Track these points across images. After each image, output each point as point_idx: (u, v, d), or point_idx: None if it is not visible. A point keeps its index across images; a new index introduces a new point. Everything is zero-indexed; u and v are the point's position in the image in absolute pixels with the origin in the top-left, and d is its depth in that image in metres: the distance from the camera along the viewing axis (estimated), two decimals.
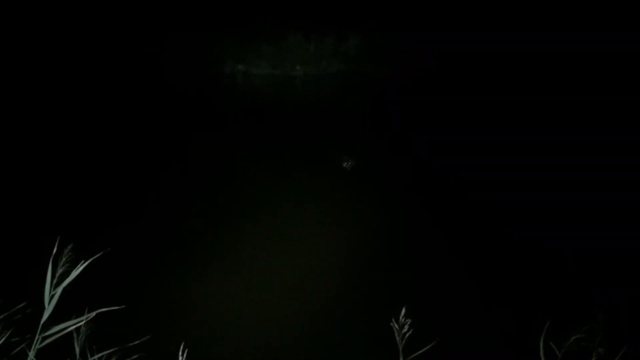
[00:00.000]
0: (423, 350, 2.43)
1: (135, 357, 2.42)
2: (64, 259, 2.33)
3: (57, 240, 2.29)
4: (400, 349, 2.38)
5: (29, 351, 2.24)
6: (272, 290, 4.96)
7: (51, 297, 2.27)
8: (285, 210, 6.55)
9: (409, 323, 2.39)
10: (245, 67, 12.80)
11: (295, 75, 13.08)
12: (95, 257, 2.29)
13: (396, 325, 2.39)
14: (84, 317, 2.27)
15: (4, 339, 2.46)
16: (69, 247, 2.37)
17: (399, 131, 10.20)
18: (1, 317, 2.74)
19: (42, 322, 2.23)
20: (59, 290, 2.25)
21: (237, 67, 12.92)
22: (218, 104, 11.08)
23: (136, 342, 2.44)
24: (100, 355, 2.41)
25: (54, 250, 2.26)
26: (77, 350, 2.35)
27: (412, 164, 8.44)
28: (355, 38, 14.39)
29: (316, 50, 13.82)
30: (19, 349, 2.38)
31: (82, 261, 2.25)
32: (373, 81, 13.53)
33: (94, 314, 2.28)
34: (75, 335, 2.36)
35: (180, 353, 2.06)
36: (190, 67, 12.12)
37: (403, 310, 2.39)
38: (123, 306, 2.31)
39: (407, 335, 2.38)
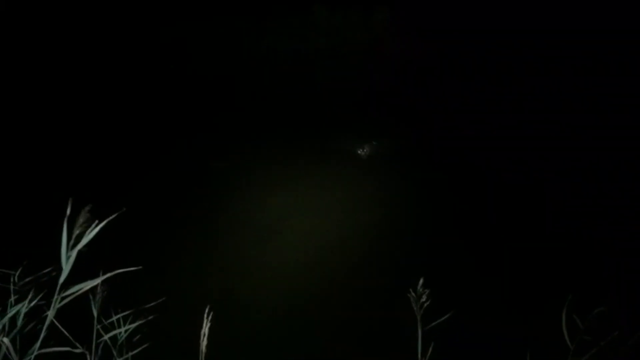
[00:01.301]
0: (440, 319, 2.41)
1: (151, 317, 2.43)
2: (80, 220, 2.31)
3: (71, 201, 2.25)
4: (419, 318, 2.36)
5: (49, 311, 2.25)
6: (293, 260, 4.96)
7: (68, 258, 2.26)
8: (299, 192, 6.36)
9: (427, 293, 2.36)
10: (268, 42, 11.86)
11: (319, 48, 12.08)
12: (111, 217, 2.27)
13: (414, 295, 2.37)
14: (100, 278, 2.27)
15: (26, 302, 2.49)
16: (86, 208, 2.35)
17: (423, 112, 9.23)
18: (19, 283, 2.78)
19: (60, 282, 2.23)
20: (75, 251, 2.25)
21: (259, 44, 11.99)
22: (239, 83, 10.35)
23: (152, 304, 2.44)
24: (118, 316, 2.43)
25: (68, 211, 2.24)
26: (95, 311, 2.36)
27: (433, 150, 7.93)
28: (383, 11, 13.70)
29: (342, 23, 12.99)
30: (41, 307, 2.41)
31: (97, 221, 2.22)
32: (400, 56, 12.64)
33: (110, 274, 2.28)
34: (92, 296, 2.37)
35: (205, 315, 2.06)
36: (211, 47, 11.19)
37: (421, 281, 2.36)
38: (140, 267, 2.29)
39: (425, 305, 2.36)
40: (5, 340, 2.18)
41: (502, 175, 7.01)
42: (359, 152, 7.85)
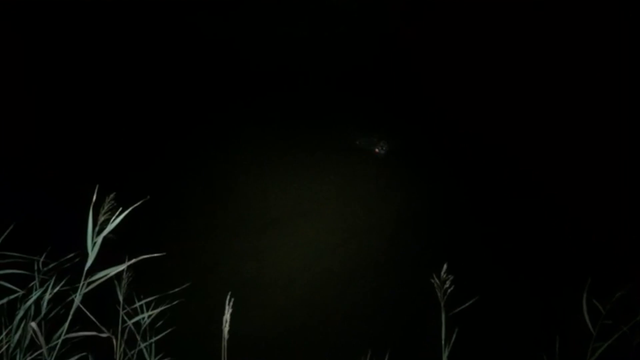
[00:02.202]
0: (464, 306, 2.42)
1: (175, 302, 2.45)
2: (105, 207, 2.33)
3: (97, 188, 2.27)
4: (442, 304, 2.37)
5: (75, 296, 2.28)
6: (315, 246, 4.96)
7: (93, 245, 2.28)
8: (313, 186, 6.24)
9: (450, 279, 2.37)
10: (285, 29, 11.03)
11: (338, 33, 11.15)
12: (135, 205, 2.29)
13: (437, 281, 2.38)
14: (126, 263, 2.30)
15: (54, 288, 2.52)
16: (110, 196, 2.37)
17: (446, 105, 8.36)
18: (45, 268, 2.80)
19: (86, 268, 2.26)
20: (101, 237, 2.27)
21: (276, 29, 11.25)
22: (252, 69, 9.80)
23: (176, 289, 2.47)
24: (143, 301, 2.46)
25: (94, 198, 2.25)
26: (121, 296, 2.39)
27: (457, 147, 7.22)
28: None
29: (360, 8, 12.23)
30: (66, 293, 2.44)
31: (121, 208, 2.24)
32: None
33: (135, 260, 2.30)
34: (118, 282, 2.39)
35: (227, 302, 2.08)
36: (226, 33, 10.59)
37: (445, 266, 2.37)
38: (164, 253, 2.31)
39: (448, 291, 2.36)
40: (33, 324, 2.21)
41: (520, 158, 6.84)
42: (375, 150, 6.91)
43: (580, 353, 2.36)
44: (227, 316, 2.05)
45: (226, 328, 2.07)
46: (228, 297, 2.09)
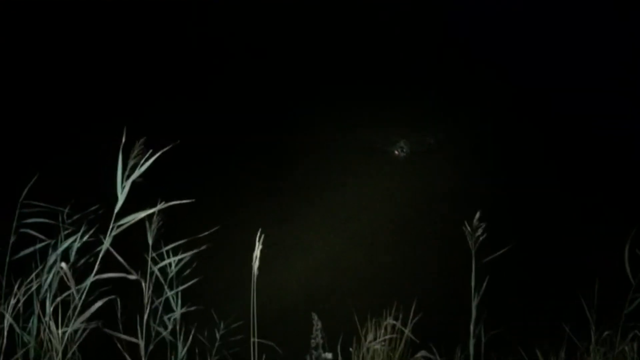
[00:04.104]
0: (496, 254, 2.37)
1: (204, 246, 2.45)
2: (135, 151, 2.32)
3: (125, 130, 2.26)
4: (473, 252, 2.33)
5: (104, 239, 2.29)
6: (348, 206, 4.93)
7: (123, 188, 2.28)
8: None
9: (482, 227, 2.32)
10: None
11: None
12: (165, 149, 2.27)
13: (469, 229, 2.33)
14: (156, 207, 2.30)
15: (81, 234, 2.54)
16: (140, 140, 2.35)
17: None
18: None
19: (115, 211, 2.26)
20: (130, 181, 2.27)
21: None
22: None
23: (206, 233, 2.46)
24: (171, 245, 2.46)
25: (123, 140, 2.25)
26: (150, 240, 2.39)
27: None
28: None
29: None
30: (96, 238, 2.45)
31: (151, 151, 2.23)
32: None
33: (165, 205, 2.30)
34: (147, 226, 2.39)
35: (257, 239, 2.06)
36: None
37: (477, 214, 2.32)
38: (193, 200, 2.30)
39: (480, 239, 2.31)
40: (63, 264, 2.23)
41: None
42: (395, 152, 6.08)
43: (619, 303, 2.30)
44: (257, 252, 2.04)
45: (256, 264, 2.06)
46: (258, 234, 2.07)
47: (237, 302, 2.71)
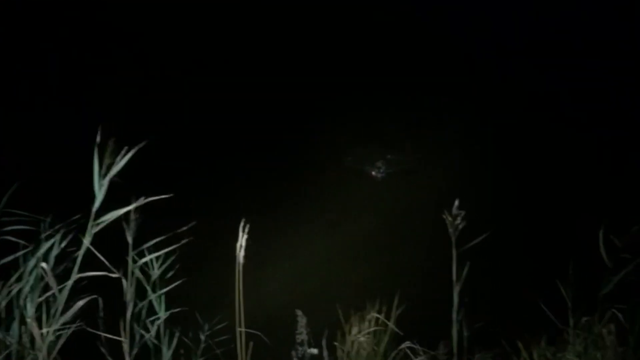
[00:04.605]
0: (475, 241, 2.39)
1: (185, 240, 2.44)
2: (109, 149, 2.31)
3: (100, 128, 2.25)
4: (453, 240, 2.35)
5: (84, 238, 2.28)
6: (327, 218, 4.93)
7: (100, 187, 2.27)
8: None
9: (462, 215, 2.35)
10: None
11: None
12: (140, 145, 2.27)
13: (449, 217, 2.35)
14: (133, 205, 2.29)
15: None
16: (112, 139, 2.34)
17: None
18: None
19: (94, 210, 2.25)
20: (107, 178, 2.26)
21: None
22: None
23: (184, 228, 2.45)
24: (151, 242, 2.45)
25: (98, 139, 2.24)
26: (130, 238, 2.38)
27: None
28: None
29: None
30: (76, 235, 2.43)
31: (126, 147, 2.22)
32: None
33: (143, 201, 2.30)
34: (126, 224, 2.39)
35: (240, 229, 2.07)
36: None
37: (456, 202, 2.34)
38: (171, 194, 2.30)
39: (460, 227, 2.34)
40: (44, 264, 2.21)
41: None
42: (372, 173, 5.76)
43: (596, 285, 2.33)
44: (241, 242, 2.04)
45: (241, 253, 2.06)
46: (242, 224, 2.07)
47: (222, 304, 2.71)
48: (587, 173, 5.40)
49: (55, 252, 2.62)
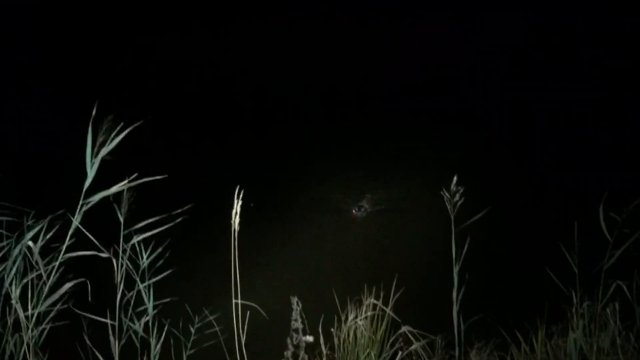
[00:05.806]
0: (474, 218, 2.36)
1: (179, 220, 2.37)
2: (104, 128, 2.26)
3: (96, 103, 2.20)
4: (452, 217, 2.32)
5: (73, 217, 2.21)
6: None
7: (92, 165, 2.21)
8: None
9: (460, 192, 2.32)
10: None
11: None
12: (136, 124, 2.22)
13: (447, 194, 2.32)
14: (125, 184, 2.22)
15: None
16: (109, 117, 2.29)
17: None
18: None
19: (84, 188, 2.19)
20: (100, 156, 2.20)
21: None
22: None
23: (179, 210, 2.39)
24: (144, 223, 2.38)
25: (94, 113, 2.18)
26: (122, 217, 2.32)
27: None
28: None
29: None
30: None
31: (122, 124, 2.17)
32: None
33: (136, 182, 2.23)
34: (118, 205, 2.33)
35: (235, 196, 2.01)
36: None
37: (455, 179, 2.31)
38: (165, 175, 2.24)
39: (458, 203, 2.31)
40: (31, 243, 2.14)
41: None
42: (353, 211, 5.45)
43: (598, 260, 2.31)
44: (236, 209, 1.99)
45: (236, 220, 2.00)
46: (237, 190, 2.02)
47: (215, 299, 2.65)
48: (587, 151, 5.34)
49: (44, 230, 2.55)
